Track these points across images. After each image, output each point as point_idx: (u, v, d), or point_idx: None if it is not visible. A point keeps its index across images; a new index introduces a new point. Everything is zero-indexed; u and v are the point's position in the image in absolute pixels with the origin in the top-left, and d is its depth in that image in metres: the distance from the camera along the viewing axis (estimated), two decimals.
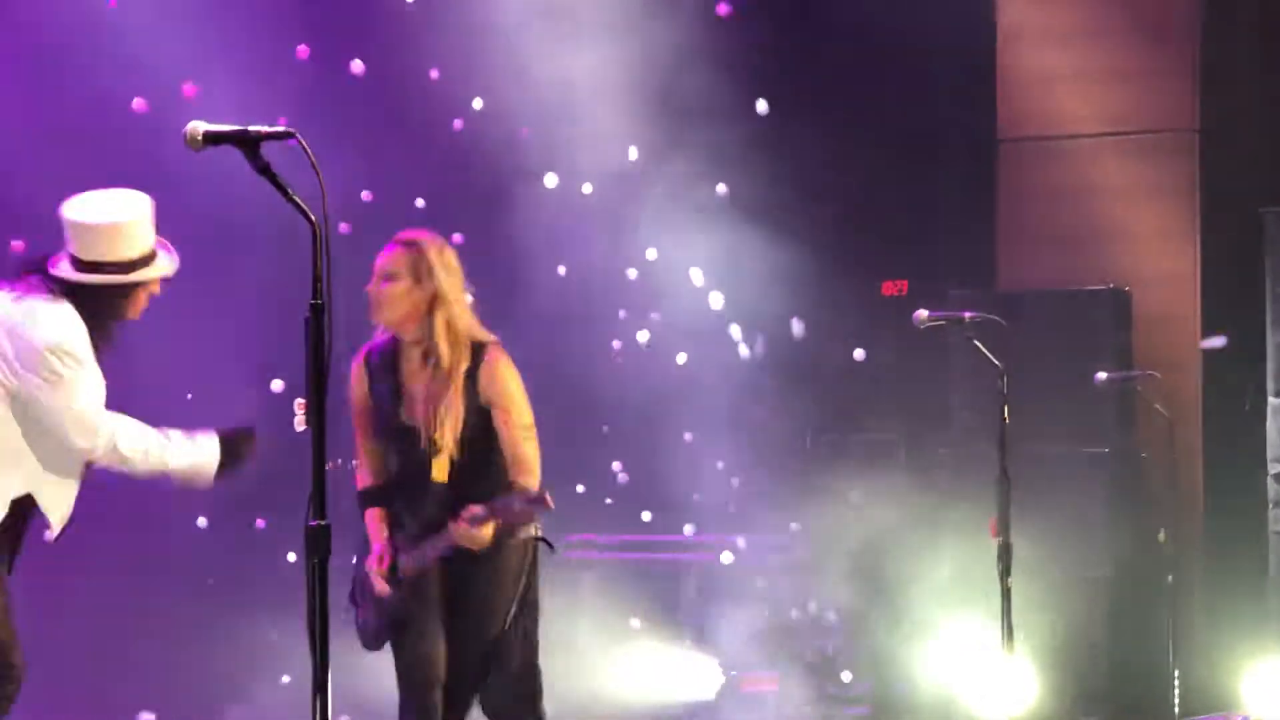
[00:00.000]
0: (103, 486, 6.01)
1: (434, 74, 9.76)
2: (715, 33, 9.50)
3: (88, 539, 6.50)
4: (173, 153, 5.61)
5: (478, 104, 9.80)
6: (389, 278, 5.33)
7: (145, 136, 8.98)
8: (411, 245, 5.50)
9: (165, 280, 5.39)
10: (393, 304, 5.35)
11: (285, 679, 7.38)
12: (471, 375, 5.41)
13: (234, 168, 3.88)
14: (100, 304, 5.27)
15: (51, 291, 5.19)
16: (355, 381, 5.59)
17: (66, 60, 9.52)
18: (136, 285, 5.24)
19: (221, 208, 8.25)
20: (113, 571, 8.78)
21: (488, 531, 5.41)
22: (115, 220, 5.17)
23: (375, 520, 5.69)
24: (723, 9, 9.71)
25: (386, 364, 5.51)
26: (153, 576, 9.06)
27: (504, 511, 5.67)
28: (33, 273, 5.21)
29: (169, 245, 5.39)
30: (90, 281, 5.18)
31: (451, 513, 5.41)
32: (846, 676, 9.52)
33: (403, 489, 5.63)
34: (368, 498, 5.78)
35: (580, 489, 9.50)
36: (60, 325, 5.11)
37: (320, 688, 3.43)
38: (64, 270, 5.18)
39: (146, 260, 5.23)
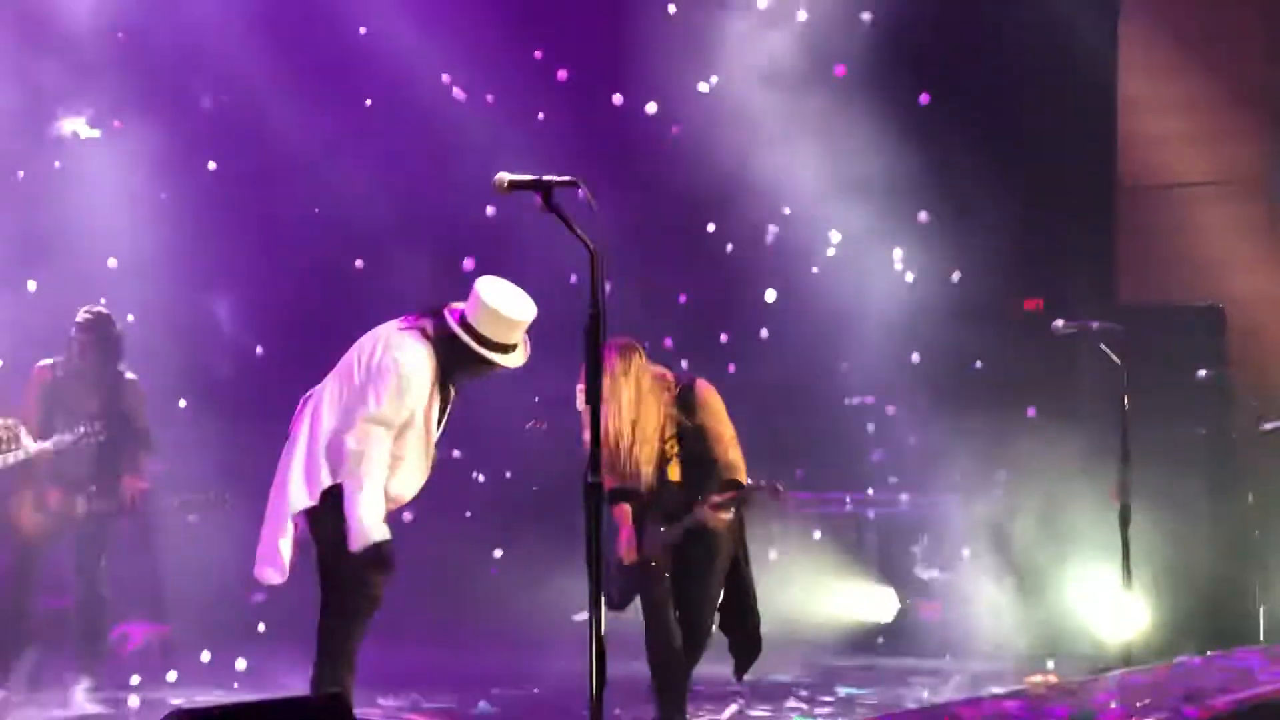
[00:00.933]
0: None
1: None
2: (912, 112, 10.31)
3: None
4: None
5: None
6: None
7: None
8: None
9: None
10: None
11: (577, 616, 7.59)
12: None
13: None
14: (456, 362, 5.90)
15: (427, 335, 5.82)
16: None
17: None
18: (491, 364, 5.88)
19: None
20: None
21: (727, 514, 6.81)
22: (513, 317, 5.77)
23: (624, 513, 6.77)
24: (924, 98, 10.28)
25: None
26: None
27: (748, 494, 6.93)
28: (428, 316, 5.88)
29: (528, 344, 6.00)
30: (465, 341, 5.79)
31: (685, 505, 6.73)
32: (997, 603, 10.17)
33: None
34: (617, 495, 6.74)
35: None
36: (417, 361, 5.74)
37: (594, 617, 4.28)
38: (450, 322, 5.80)
39: (508, 349, 5.86)
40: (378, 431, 5.75)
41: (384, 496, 5.89)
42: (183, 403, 10.14)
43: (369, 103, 11.54)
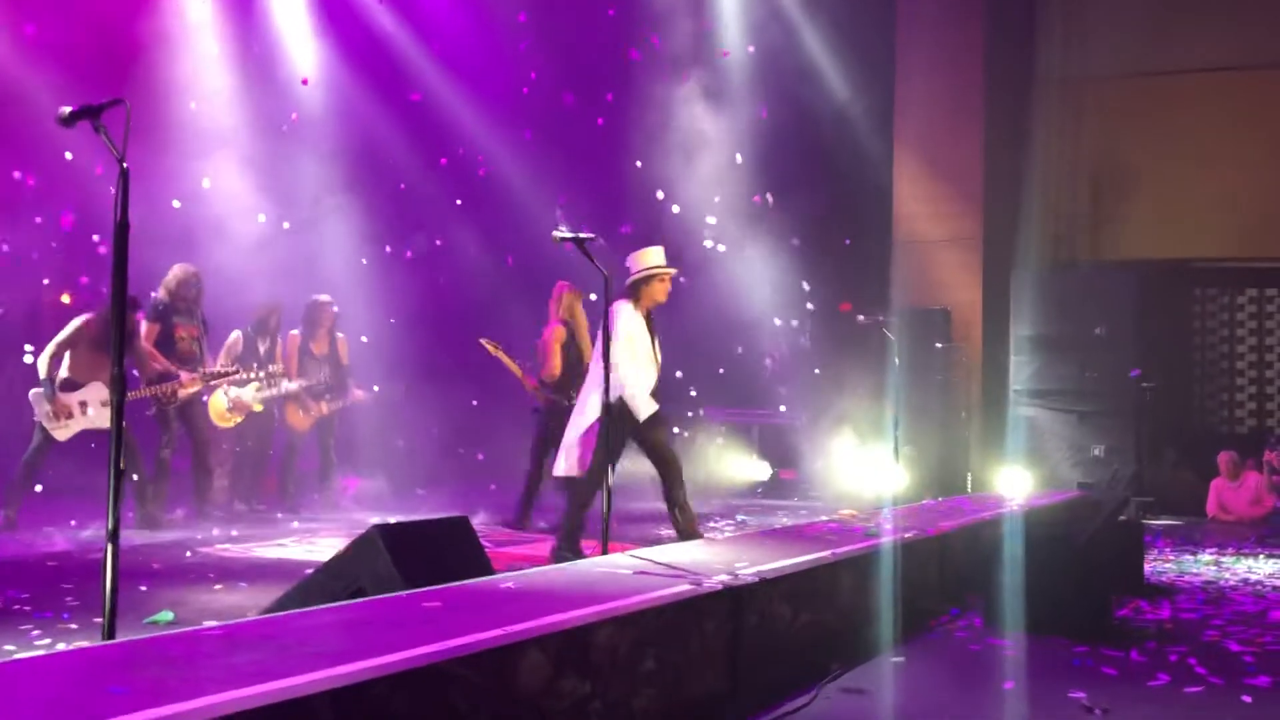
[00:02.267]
0: None
1: None
2: None
3: None
4: None
5: None
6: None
7: None
8: None
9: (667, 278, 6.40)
10: None
11: None
12: None
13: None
14: (638, 294, 6.38)
15: (624, 298, 6.35)
16: None
17: None
18: (658, 278, 6.37)
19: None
20: None
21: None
22: (650, 250, 6.43)
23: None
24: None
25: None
26: None
27: None
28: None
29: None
30: (636, 277, 6.39)
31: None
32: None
33: None
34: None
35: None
36: (625, 309, 6.28)
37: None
38: (630, 280, 6.39)
39: (662, 269, 6.40)
40: (625, 355, 6.19)
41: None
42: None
43: None
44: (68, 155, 8.96)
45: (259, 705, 2.36)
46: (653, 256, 6.50)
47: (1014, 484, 9.97)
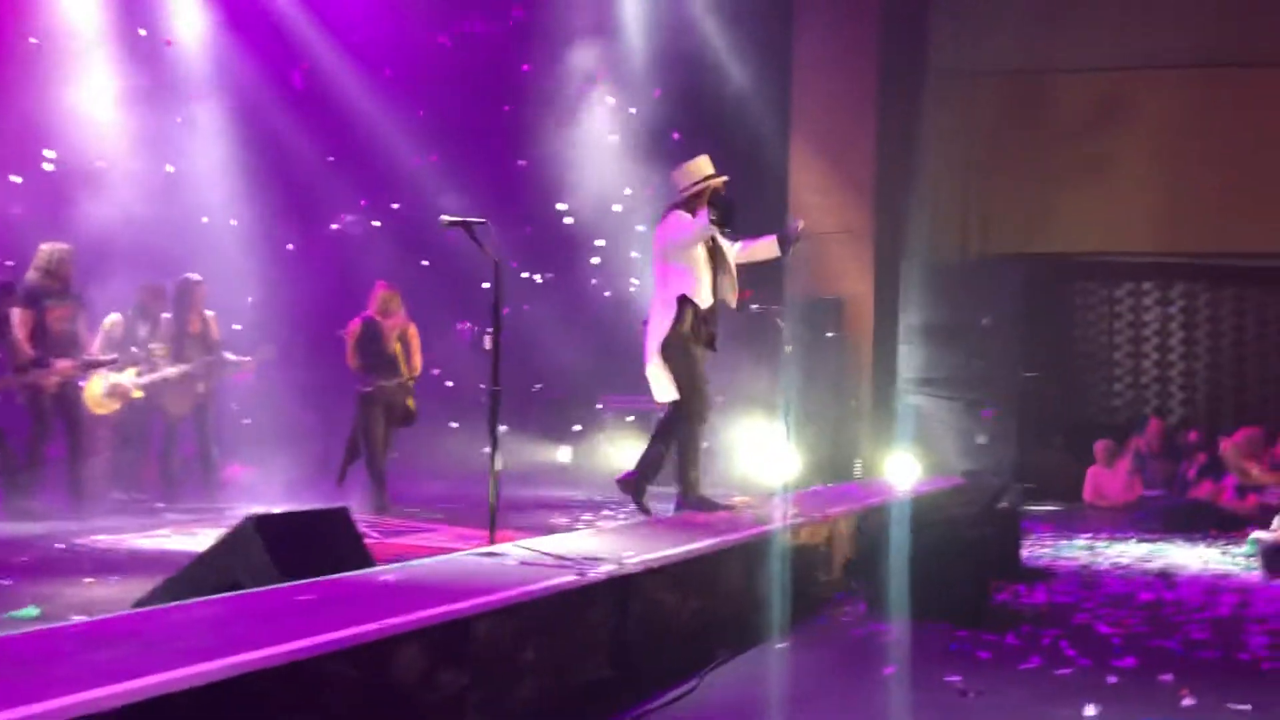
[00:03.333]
0: None
1: None
2: None
3: None
4: None
5: None
6: None
7: None
8: None
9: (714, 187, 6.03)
10: None
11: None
12: None
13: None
14: (690, 206, 6.07)
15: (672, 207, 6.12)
16: None
17: None
18: (700, 191, 6.04)
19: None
20: None
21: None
22: (684, 165, 6.14)
23: None
24: None
25: None
26: None
27: None
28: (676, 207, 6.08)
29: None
30: (684, 196, 6.09)
31: None
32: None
33: None
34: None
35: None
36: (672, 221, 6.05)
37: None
38: (681, 198, 6.08)
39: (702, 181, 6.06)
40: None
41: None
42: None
43: None
44: None
45: (116, 706, 2.29)
46: (703, 165, 6.17)
47: (902, 471, 10.00)
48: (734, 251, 6.31)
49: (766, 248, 6.36)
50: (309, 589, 3.56)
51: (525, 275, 11.39)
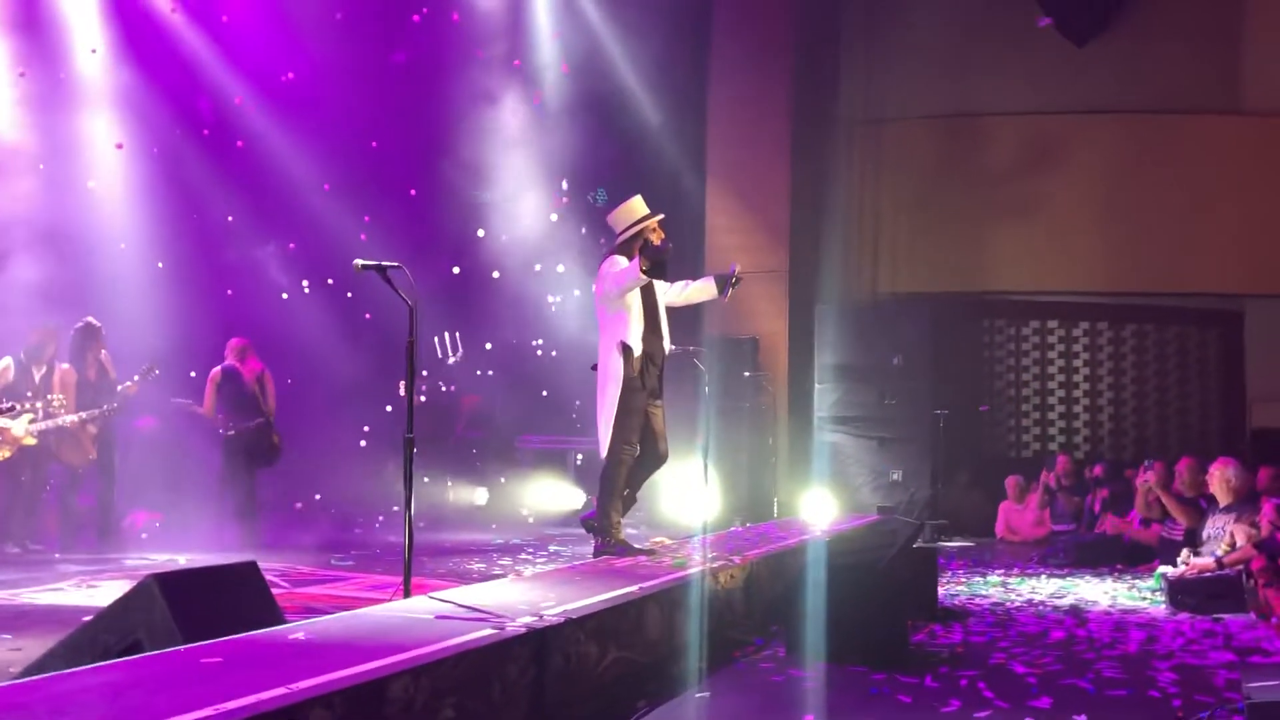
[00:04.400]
0: None
1: None
2: None
3: None
4: None
5: None
6: None
7: None
8: None
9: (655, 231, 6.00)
10: None
11: None
12: None
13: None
14: (630, 252, 6.05)
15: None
16: None
17: None
18: (638, 232, 6.03)
19: None
20: None
21: None
22: (630, 205, 6.09)
23: None
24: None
25: None
26: None
27: None
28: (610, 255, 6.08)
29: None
30: (621, 240, 6.08)
31: None
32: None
33: None
34: None
35: None
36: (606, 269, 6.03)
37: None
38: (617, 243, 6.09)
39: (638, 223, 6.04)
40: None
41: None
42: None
43: None
44: None
45: None
46: (637, 207, 6.19)
47: (818, 509, 10.07)
48: (671, 293, 6.36)
49: (703, 289, 6.39)
50: (214, 650, 3.40)
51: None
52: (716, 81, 11.72)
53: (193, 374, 9.84)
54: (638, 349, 6.09)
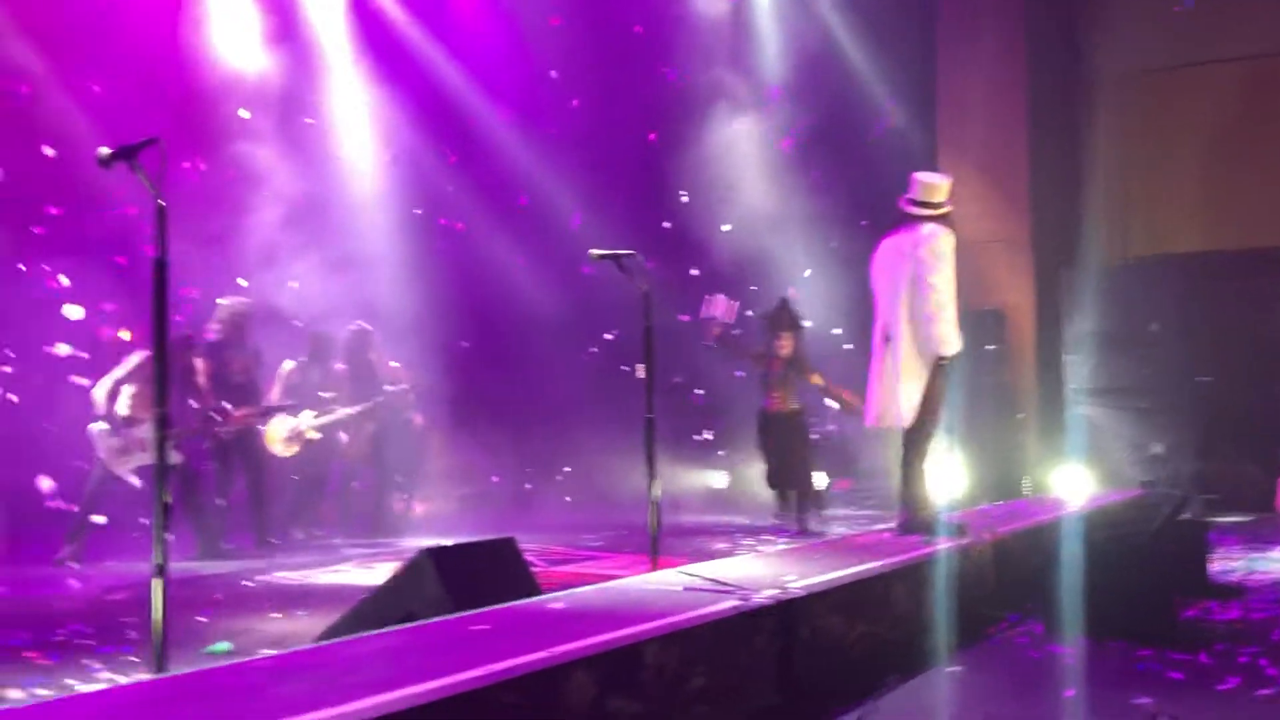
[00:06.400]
0: None
1: None
2: None
3: None
4: None
5: None
6: None
7: None
8: None
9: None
10: None
11: None
12: None
13: None
14: (949, 221, 5.92)
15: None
16: None
17: None
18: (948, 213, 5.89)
19: None
20: None
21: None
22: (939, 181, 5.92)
23: None
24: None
25: None
26: None
27: None
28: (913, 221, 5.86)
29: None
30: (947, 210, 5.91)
31: None
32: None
33: None
34: None
35: None
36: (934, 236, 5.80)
37: None
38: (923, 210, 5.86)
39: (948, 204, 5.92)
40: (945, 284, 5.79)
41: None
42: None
43: None
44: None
45: None
46: (949, 187, 6.07)
47: (1073, 485, 9.73)
48: None
49: None
50: (482, 619, 3.63)
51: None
52: (946, 41, 11.33)
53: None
54: (956, 323, 5.98)
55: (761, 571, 4.65)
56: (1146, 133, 11.57)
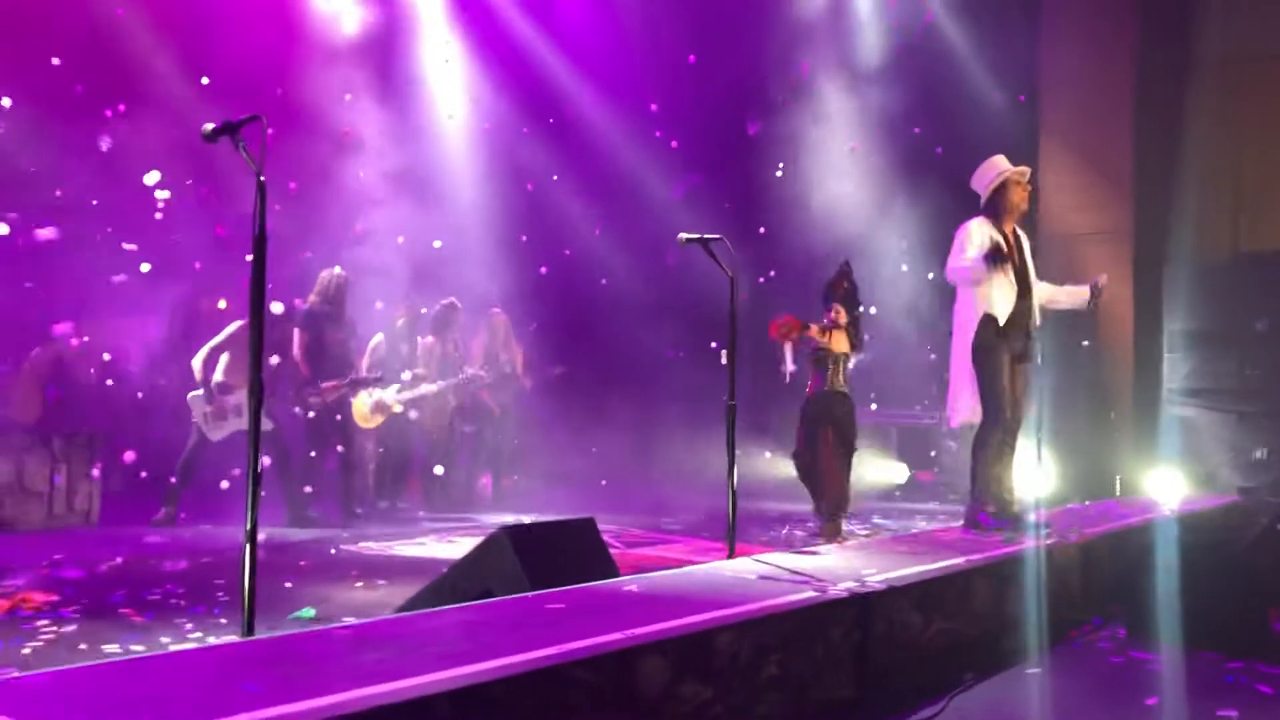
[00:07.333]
0: None
1: None
2: None
3: None
4: None
5: None
6: None
7: None
8: None
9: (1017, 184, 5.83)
10: None
11: None
12: None
13: None
14: (996, 209, 5.95)
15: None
16: None
17: None
18: (1005, 184, 5.89)
19: None
20: None
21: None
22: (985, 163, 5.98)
23: None
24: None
25: None
26: None
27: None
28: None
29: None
30: (989, 194, 5.94)
31: None
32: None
33: None
34: None
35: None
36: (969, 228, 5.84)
37: None
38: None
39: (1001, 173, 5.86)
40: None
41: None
42: None
43: None
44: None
45: (381, 704, 2.44)
46: (998, 162, 6.07)
47: (1167, 487, 9.48)
48: (1041, 295, 6.24)
49: (1071, 296, 6.42)
50: (558, 598, 3.68)
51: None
52: (1050, 28, 11.04)
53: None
54: (1002, 317, 5.93)
55: (839, 564, 4.62)
56: (1258, 122, 11.08)
